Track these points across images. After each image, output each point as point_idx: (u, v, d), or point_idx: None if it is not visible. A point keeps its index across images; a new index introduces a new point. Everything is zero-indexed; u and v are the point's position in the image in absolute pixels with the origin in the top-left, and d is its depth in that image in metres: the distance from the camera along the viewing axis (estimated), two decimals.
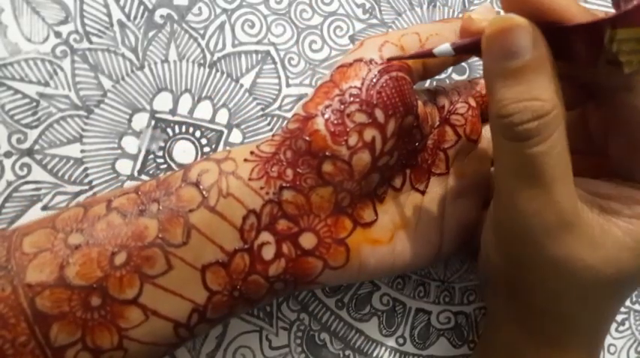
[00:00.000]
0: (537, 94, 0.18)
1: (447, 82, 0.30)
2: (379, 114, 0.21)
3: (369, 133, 0.21)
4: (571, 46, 0.18)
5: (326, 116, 0.21)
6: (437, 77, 0.30)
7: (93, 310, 0.19)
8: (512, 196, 0.20)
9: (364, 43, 0.23)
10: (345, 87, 0.21)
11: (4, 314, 0.18)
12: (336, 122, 0.21)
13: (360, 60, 0.22)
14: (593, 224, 0.19)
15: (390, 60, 0.22)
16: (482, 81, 0.27)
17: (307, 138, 0.21)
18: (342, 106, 0.21)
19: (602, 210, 0.20)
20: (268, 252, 0.21)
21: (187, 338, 0.21)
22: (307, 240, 0.22)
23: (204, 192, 0.20)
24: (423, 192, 0.25)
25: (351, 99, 0.21)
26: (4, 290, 0.18)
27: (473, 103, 0.26)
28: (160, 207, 0.20)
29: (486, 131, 0.26)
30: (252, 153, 0.22)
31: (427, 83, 0.30)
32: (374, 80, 0.21)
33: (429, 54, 0.21)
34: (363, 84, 0.21)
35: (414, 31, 0.23)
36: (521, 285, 0.22)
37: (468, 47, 0.20)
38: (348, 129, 0.21)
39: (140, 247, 0.19)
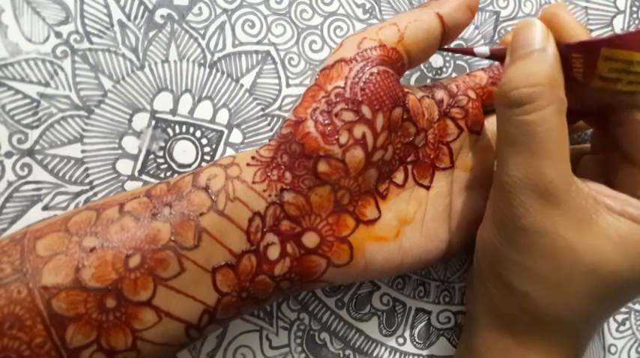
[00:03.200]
0: (536, 70, 0.20)
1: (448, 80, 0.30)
2: (366, 111, 0.22)
3: (359, 130, 0.22)
4: (571, 62, 0.21)
5: (315, 118, 0.22)
6: (437, 77, 0.30)
7: (108, 312, 0.19)
8: (505, 163, 0.21)
9: (343, 43, 0.24)
10: (330, 88, 0.22)
11: (20, 316, 0.19)
12: (325, 123, 0.22)
13: (341, 60, 0.23)
14: (583, 209, 0.20)
15: (442, 50, 0.25)
16: (480, 73, 0.28)
17: (300, 141, 0.22)
18: (329, 107, 0.22)
19: (595, 201, 0.21)
20: (273, 253, 0.22)
21: (197, 338, 0.22)
22: (310, 239, 0.22)
23: (213, 197, 0.21)
24: (427, 188, 0.26)
25: (337, 99, 0.22)
26: (20, 293, 0.19)
27: (473, 95, 0.26)
28: (172, 211, 0.21)
29: (489, 123, 0.27)
30: (253, 158, 0.23)
31: (428, 81, 0.30)
32: (356, 77, 0.22)
33: (470, 52, 0.25)
34: (346, 83, 0.22)
35: (391, 23, 0.24)
36: (504, 263, 0.22)
37: (501, 53, 0.23)
38: (337, 129, 0.22)
39: (154, 250, 0.20)
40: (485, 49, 0.24)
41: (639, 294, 0.23)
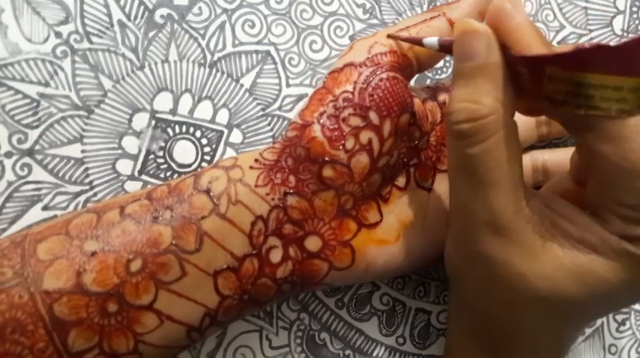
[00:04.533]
0: (478, 98, 0.19)
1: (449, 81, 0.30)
2: (373, 117, 0.22)
3: (366, 136, 0.22)
4: (518, 75, 0.19)
5: (322, 122, 0.22)
6: (437, 77, 0.30)
7: (110, 316, 0.19)
8: (453, 187, 0.21)
9: (354, 46, 0.24)
10: (338, 92, 0.22)
11: (22, 321, 0.19)
12: (332, 127, 0.22)
13: (351, 64, 0.23)
14: (534, 236, 0.20)
15: (390, 36, 0.23)
16: None
17: (306, 145, 0.22)
18: (337, 111, 0.22)
19: (554, 226, 0.20)
20: (276, 256, 0.22)
21: (198, 340, 0.22)
22: (312, 243, 0.22)
23: (214, 200, 0.21)
24: (429, 190, 0.26)
25: (345, 103, 0.22)
26: (21, 298, 0.19)
27: None
28: (173, 214, 0.21)
29: None
30: (256, 160, 0.23)
31: (428, 81, 0.30)
32: (365, 83, 0.22)
33: (419, 42, 0.22)
34: (355, 88, 0.22)
35: (402, 28, 0.24)
36: (463, 281, 0.23)
37: (450, 46, 0.21)
38: (344, 134, 0.22)
39: (155, 254, 0.20)
40: (434, 41, 0.22)
41: (602, 317, 0.23)
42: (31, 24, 0.25)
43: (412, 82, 0.30)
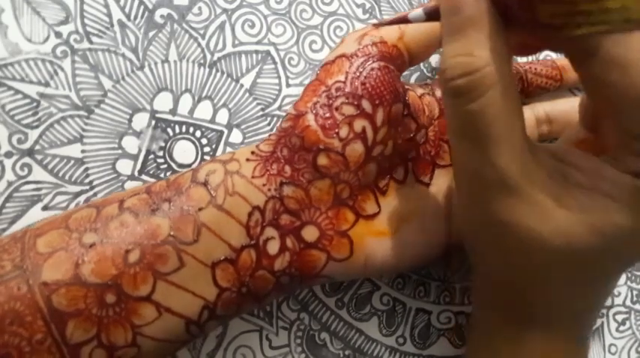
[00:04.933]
0: (470, 50, 0.18)
1: None
2: (366, 105, 0.22)
3: (359, 124, 0.22)
4: (510, 12, 0.18)
5: (315, 111, 0.22)
6: (437, 76, 0.30)
7: (108, 307, 0.19)
8: (456, 154, 0.20)
9: (344, 39, 0.24)
10: (331, 82, 0.22)
11: (20, 313, 0.19)
12: (325, 116, 0.22)
13: (342, 55, 0.23)
14: (546, 192, 0.19)
15: (375, 25, 0.23)
16: None
17: (300, 134, 0.22)
18: (330, 101, 0.22)
19: (564, 178, 0.20)
20: (273, 247, 0.22)
21: (197, 335, 0.22)
22: (309, 233, 0.22)
23: (212, 192, 0.21)
24: (427, 184, 0.26)
25: (337, 93, 0.22)
26: (20, 289, 0.19)
27: None
28: (171, 207, 0.21)
29: None
30: (252, 153, 0.23)
31: (427, 81, 0.30)
32: (357, 72, 0.22)
33: (404, 19, 0.22)
34: (347, 77, 0.22)
35: (390, 20, 0.24)
36: (480, 253, 0.22)
37: (436, 11, 0.20)
38: (337, 122, 0.22)
39: (153, 245, 0.20)
40: (419, 12, 0.21)
41: (624, 269, 0.22)
42: (31, 24, 0.25)
43: (412, 82, 0.30)
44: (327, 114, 0.22)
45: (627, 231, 0.19)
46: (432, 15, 0.21)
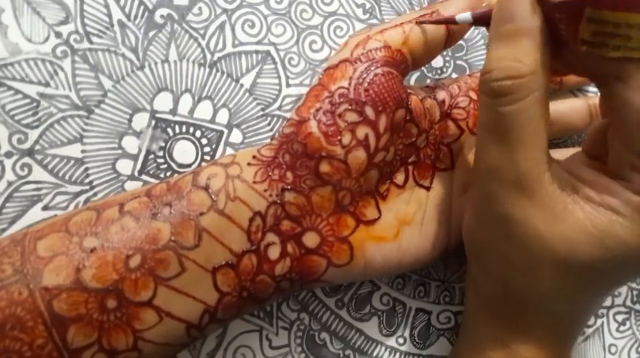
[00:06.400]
0: (519, 57, 0.20)
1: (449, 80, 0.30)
2: (369, 112, 0.22)
3: (362, 131, 0.22)
4: (557, 24, 0.20)
5: (318, 118, 0.22)
6: (437, 77, 0.30)
7: (109, 312, 0.19)
8: (482, 149, 0.21)
9: (348, 42, 0.24)
10: (334, 88, 0.22)
11: (21, 318, 0.19)
12: (328, 123, 0.22)
13: (346, 60, 0.23)
14: (557, 199, 0.20)
15: (420, 23, 0.23)
16: None
17: (302, 141, 0.22)
18: (333, 107, 0.22)
19: (574, 191, 0.20)
20: (274, 252, 0.22)
21: (198, 338, 0.22)
22: (310, 239, 0.22)
23: (213, 196, 0.21)
24: (427, 188, 0.26)
25: (341, 99, 0.22)
26: (21, 294, 0.19)
27: (474, 96, 0.26)
28: (172, 211, 0.21)
29: None
30: (254, 157, 0.23)
31: (427, 81, 0.30)
32: (361, 78, 0.22)
33: (451, 20, 0.23)
34: (350, 83, 0.22)
35: (396, 24, 0.24)
36: (482, 249, 0.23)
37: (485, 16, 0.22)
38: (340, 129, 0.22)
39: (154, 250, 0.20)
40: (467, 16, 0.22)
41: (620, 285, 0.23)
42: (31, 24, 0.25)
43: (412, 82, 0.30)
44: (330, 121, 0.22)
45: (632, 247, 0.19)
46: (480, 19, 0.22)
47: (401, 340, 0.29)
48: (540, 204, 0.20)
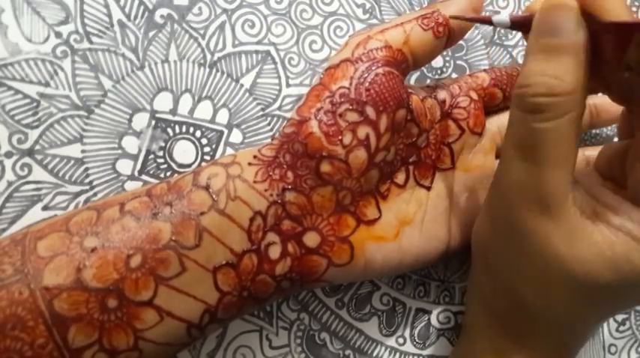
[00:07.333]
0: (560, 74, 0.19)
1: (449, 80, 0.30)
2: (370, 111, 0.22)
3: (363, 131, 0.22)
4: (602, 44, 0.19)
5: (319, 118, 0.22)
6: (437, 77, 0.30)
7: (110, 312, 0.19)
8: (508, 164, 0.21)
9: (349, 42, 0.24)
10: (335, 88, 0.22)
11: (22, 317, 0.19)
12: (329, 123, 0.22)
13: (347, 60, 0.23)
14: (578, 221, 0.20)
15: (451, 18, 0.23)
16: (482, 74, 0.27)
17: (303, 141, 0.22)
18: (334, 107, 0.22)
19: (595, 214, 0.21)
20: (274, 252, 0.22)
21: (199, 337, 0.22)
22: (311, 239, 0.22)
23: (213, 196, 0.21)
24: (428, 188, 0.26)
25: (341, 99, 0.22)
26: (21, 294, 0.19)
27: (475, 96, 0.26)
28: (173, 211, 0.21)
29: (490, 124, 0.27)
30: (254, 157, 0.23)
31: (428, 81, 0.30)
32: (362, 78, 0.22)
33: (488, 21, 0.22)
34: (351, 83, 0.22)
35: (397, 24, 0.24)
36: (495, 259, 0.23)
37: (523, 22, 0.21)
38: (341, 129, 0.22)
39: (154, 250, 0.20)
40: (505, 19, 0.22)
41: (631, 307, 0.23)
42: (31, 24, 0.25)
43: (412, 82, 0.30)
44: (331, 121, 0.22)
45: None
46: (519, 24, 0.21)
47: (401, 340, 0.29)
48: (562, 224, 0.20)
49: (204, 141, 0.27)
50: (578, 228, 0.20)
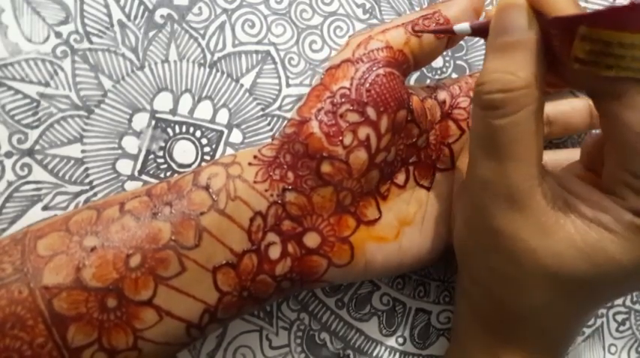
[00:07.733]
0: (514, 70, 0.19)
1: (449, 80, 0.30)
2: (371, 112, 0.22)
3: (363, 131, 0.22)
4: (552, 39, 0.19)
5: (320, 118, 0.22)
6: (437, 77, 0.30)
7: (109, 311, 0.19)
8: (474, 163, 0.21)
9: (349, 42, 0.24)
10: (335, 88, 0.22)
11: (21, 316, 0.19)
12: (329, 123, 0.22)
13: (348, 60, 0.23)
14: (548, 213, 0.20)
15: (416, 32, 0.23)
16: None
17: (304, 141, 0.22)
18: (334, 108, 0.22)
19: (566, 205, 0.20)
20: (274, 252, 0.22)
21: (198, 337, 0.22)
22: (311, 240, 0.22)
23: (213, 196, 0.21)
24: (428, 188, 0.26)
25: (342, 99, 0.22)
26: (21, 293, 0.19)
27: None
28: (172, 211, 0.21)
29: None
30: (255, 157, 0.23)
31: (427, 81, 0.30)
32: (362, 79, 0.22)
33: (450, 31, 0.23)
34: (352, 84, 0.22)
35: (398, 24, 0.24)
36: (472, 260, 0.23)
37: (483, 28, 0.21)
38: (342, 130, 0.22)
39: (154, 249, 0.20)
40: (465, 26, 0.22)
41: (610, 301, 0.23)
42: (31, 24, 0.25)
43: (412, 82, 0.30)
44: (332, 122, 0.22)
45: (621, 265, 0.19)
46: (479, 31, 0.22)
47: (401, 340, 0.29)
48: (531, 218, 0.20)
49: (204, 141, 0.27)
50: (549, 221, 0.20)
